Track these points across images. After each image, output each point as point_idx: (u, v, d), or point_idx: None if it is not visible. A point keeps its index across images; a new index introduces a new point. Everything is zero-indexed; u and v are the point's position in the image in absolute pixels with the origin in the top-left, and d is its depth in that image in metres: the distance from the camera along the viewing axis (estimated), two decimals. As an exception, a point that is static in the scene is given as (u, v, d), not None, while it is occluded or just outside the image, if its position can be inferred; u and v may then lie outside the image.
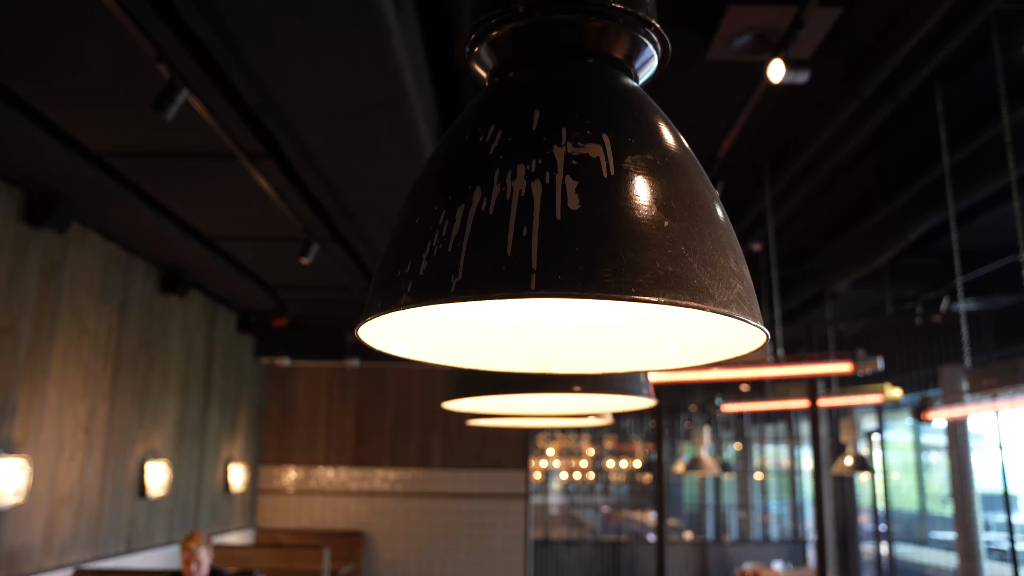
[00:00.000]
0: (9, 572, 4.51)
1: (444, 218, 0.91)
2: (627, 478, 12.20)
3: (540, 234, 0.86)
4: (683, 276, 0.86)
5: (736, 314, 0.90)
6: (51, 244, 4.83)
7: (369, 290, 0.99)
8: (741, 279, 0.95)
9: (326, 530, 8.52)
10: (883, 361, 5.51)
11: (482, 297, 0.85)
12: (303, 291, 7.38)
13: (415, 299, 0.89)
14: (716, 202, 1.00)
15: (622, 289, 0.84)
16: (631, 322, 1.17)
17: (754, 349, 1.06)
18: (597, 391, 1.70)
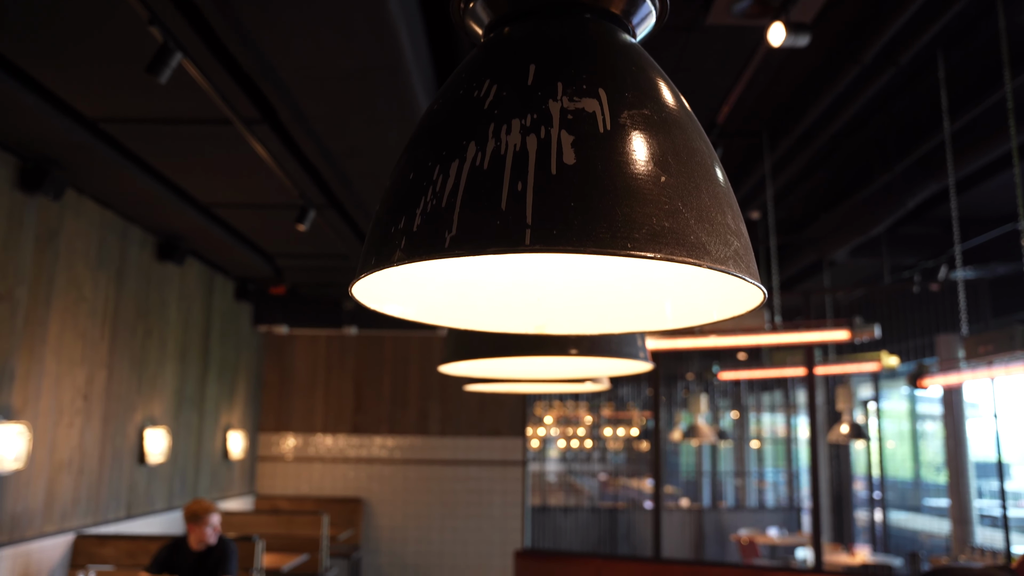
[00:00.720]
0: (12, 536, 4.54)
1: (438, 173, 0.90)
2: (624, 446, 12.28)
3: (535, 189, 0.85)
4: (679, 232, 0.86)
5: (733, 271, 0.89)
6: (46, 211, 4.81)
7: (363, 247, 0.98)
8: (739, 236, 0.95)
9: (325, 497, 8.59)
10: (880, 329, 5.52)
11: (476, 252, 0.84)
12: (301, 259, 7.37)
13: (408, 255, 0.88)
14: (714, 159, 0.99)
15: (617, 244, 0.83)
16: (627, 281, 1.16)
17: (752, 308, 1.06)
18: (594, 354, 1.70)
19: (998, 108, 4.70)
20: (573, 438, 11.19)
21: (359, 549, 8.36)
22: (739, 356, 10.35)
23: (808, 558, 8.39)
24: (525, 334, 1.72)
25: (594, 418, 11.22)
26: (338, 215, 5.85)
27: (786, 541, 9.01)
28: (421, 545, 8.56)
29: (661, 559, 6.38)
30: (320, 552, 6.69)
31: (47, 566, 4.91)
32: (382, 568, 8.52)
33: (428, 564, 8.51)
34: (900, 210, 5.84)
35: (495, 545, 8.47)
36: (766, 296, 0.99)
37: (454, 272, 1.15)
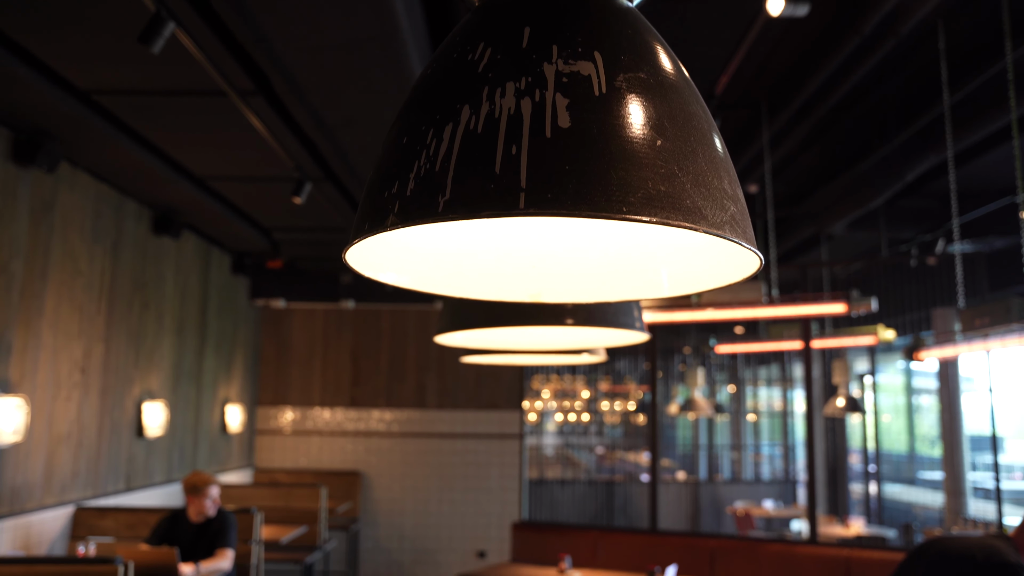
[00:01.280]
0: (12, 508, 4.57)
1: (432, 137, 0.89)
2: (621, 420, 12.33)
3: (529, 152, 0.84)
4: (675, 196, 0.85)
5: (730, 236, 0.88)
6: (40, 184, 4.78)
7: (357, 213, 0.98)
8: (735, 201, 0.94)
9: (323, 470, 8.63)
10: (877, 302, 5.53)
11: (469, 216, 0.83)
12: (297, 232, 7.35)
13: (402, 219, 0.87)
14: (711, 125, 0.97)
15: (613, 208, 0.82)
16: (623, 249, 1.16)
17: (749, 274, 1.05)
18: (590, 324, 1.69)
19: (998, 79, 4.67)
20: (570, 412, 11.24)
21: (357, 521, 8.42)
22: (736, 330, 10.37)
23: (803, 530, 8.46)
24: (521, 304, 1.71)
25: (591, 392, 11.26)
26: (335, 188, 5.82)
27: (781, 513, 9.08)
28: (419, 517, 8.62)
29: (657, 531, 6.43)
30: (319, 524, 6.74)
31: (48, 538, 4.94)
32: (380, 540, 8.59)
33: (426, 536, 8.57)
34: (898, 183, 5.82)
35: (493, 517, 8.53)
36: (763, 262, 0.99)
37: (449, 239, 1.14)
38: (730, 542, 6.12)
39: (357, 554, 8.50)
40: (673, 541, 6.18)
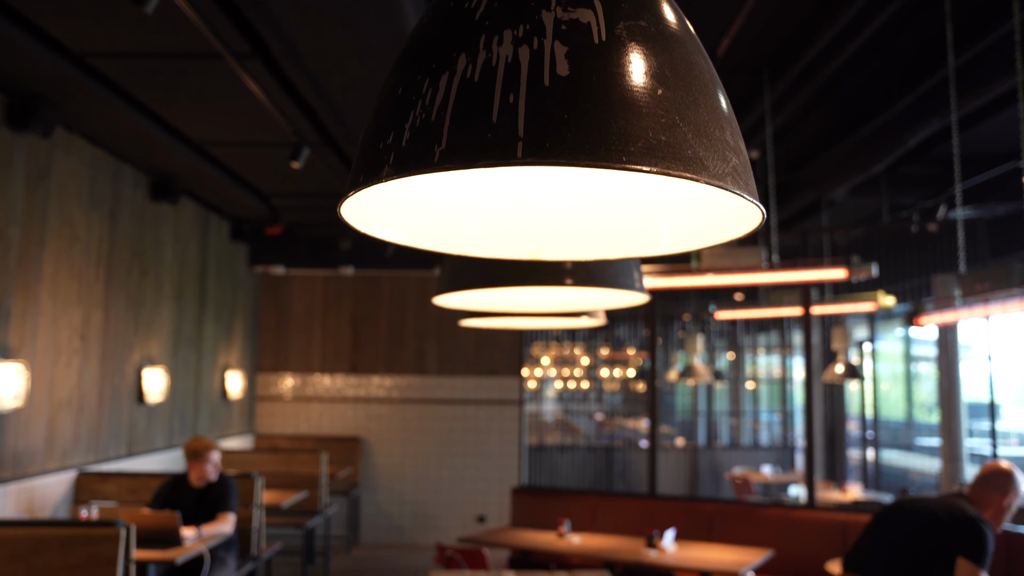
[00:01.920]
0: (14, 473, 4.59)
1: (427, 87, 0.87)
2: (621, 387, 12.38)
3: (527, 101, 0.82)
4: (676, 146, 0.83)
5: (731, 187, 0.87)
6: (36, 149, 4.74)
7: (352, 165, 0.96)
8: (737, 153, 0.92)
9: (323, 436, 8.68)
10: (877, 268, 5.51)
11: (466, 166, 0.81)
12: (296, 198, 7.31)
13: (397, 170, 0.85)
14: (713, 76, 0.95)
15: (612, 158, 0.80)
16: (623, 204, 1.14)
17: (751, 230, 1.04)
18: (589, 284, 1.68)
19: (1005, 42, 4.61)
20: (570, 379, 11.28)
21: (358, 487, 8.48)
22: (736, 296, 10.37)
23: (800, 495, 8.53)
24: (520, 264, 1.70)
25: (591, 359, 11.29)
26: (333, 153, 5.78)
27: (779, 479, 9.14)
28: (419, 483, 8.68)
29: (656, 496, 6.48)
30: (319, 489, 6.79)
31: (51, 501, 4.97)
32: (381, 505, 8.66)
33: (426, 501, 8.65)
34: (900, 148, 5.77)
35: (492, 483, 8.59)
36: (765, 216, 0.97)
37: (446, 194, 1.13)
38: (728, 506, 6.17)
39: (358, 519, 8.58)
40: (672, 506, 6.22)
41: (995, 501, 3.23)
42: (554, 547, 5.22)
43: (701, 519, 6.00)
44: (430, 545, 8.32)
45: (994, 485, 3.26)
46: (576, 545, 5.24)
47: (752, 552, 5.00)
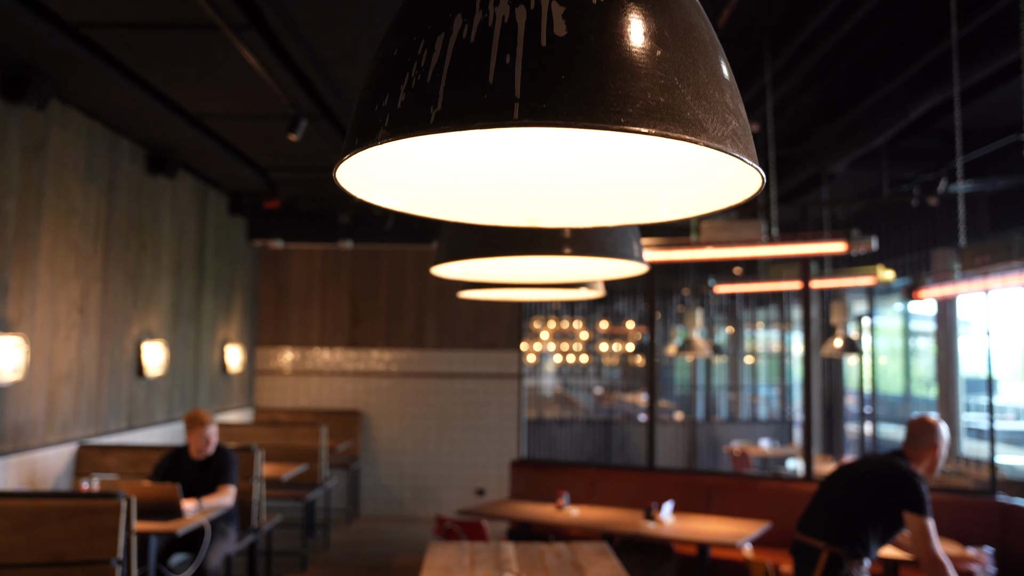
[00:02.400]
0: (15, 445, 4.61)
1: (423, 48, 0.86)
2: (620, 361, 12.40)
3: (524, 61, 0.81)
4: (675, 107, 0.82)
5: (731, 150, 0.86)
6: (31, 122, 4.71)
7: (347, 129, 0.95)
8: (737, 116, 0.91)
9: (323, 409, 8.71)
10: (877, 241, 5.50)
11: (463, 127, 0.80)
12: (294, 172, 7.28)
13: (392, 132, 0.84)
14: (713, 39, 0.94)
15: (610, 119, 0.79)
16: (622, 169, 1.13)
17: (750, 195, 1.03)
18: (588, 254, 1.67)
19: (1009, 12, 4.56)
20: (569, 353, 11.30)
21: (358, 460, 8.52)
22: (735, 270, 10.36)
23: (798, 468, 8.57)
24: (518, 233, 1.69)
25: (590, 333, 11.30)
26: (331, 126, 5.74)
27: (777, 452, 9.19)
28: (419, 456, 8.73)
29: (654, 468, 6.51)
30: (319, 462, 6.82)
31: (52, 474, 5.00)
32: (380, 478, 8.71)
33: (426, 474, 8.69)
34: (902, 121, 5.74)
35: (492, 456, 8.64)
36: (764, 181, 0.96)
37: (443, 159, 1.11)
38: (726, 479, 6.21)
39: (358, 492, 8.63)
40: (670, 478, 6.26)
41: (928, 453, 3.52)
42: (553, 519, 5.26)
43: (699, 492, 6.04)
44: (430, 518, 8.38)
45: (926, 440, 3.54)
46: (575, 517, 5.27)
47: (750, 524, 5.03)
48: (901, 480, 3.40)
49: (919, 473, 3.46)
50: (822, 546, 3.51)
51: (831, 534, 3.51)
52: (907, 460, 3.52)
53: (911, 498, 3.34)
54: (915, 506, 3.33)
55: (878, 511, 3.45)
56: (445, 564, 3.68)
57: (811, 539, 3.58)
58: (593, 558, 3.82)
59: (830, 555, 3.47)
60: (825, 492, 3.71)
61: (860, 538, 3.46)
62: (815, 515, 3.66)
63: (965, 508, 5.19)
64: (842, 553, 3.46)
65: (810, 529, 3.62)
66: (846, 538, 3.47)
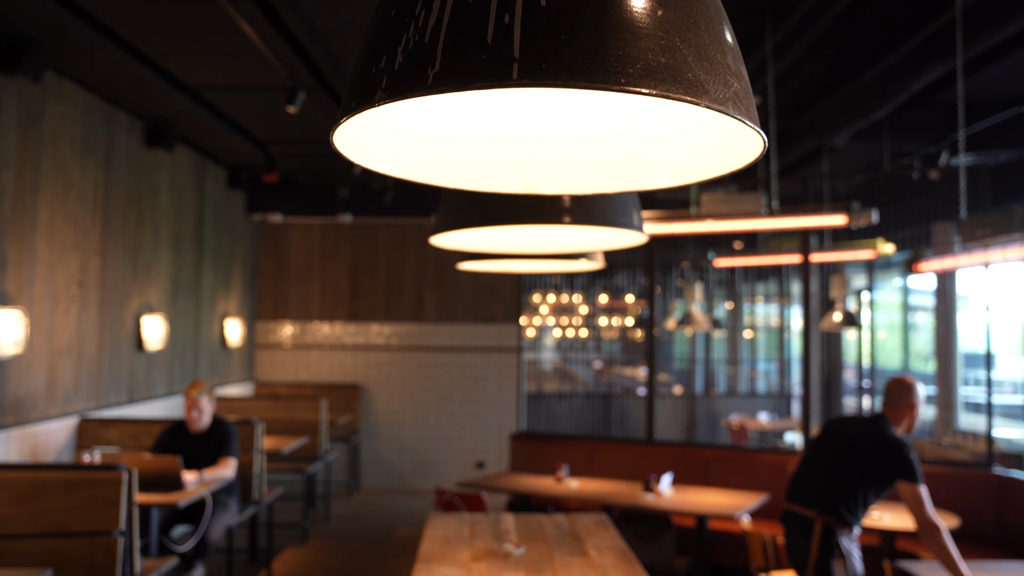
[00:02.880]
0: (17, 418, 4.63)
1: (420, 8, 0.85)
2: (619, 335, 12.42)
3: (523, 21, 0.80)
4: (676, 68, 0.81)
5: (733, 112, 0.85)
6: (27, 94, 4.68)
7: (344, 93, 0.94)
8: (739, 78, 0.90)
9: (323, 383, 8.73)
10: (878, 214, 5.48)
11: (461, 88, 0.79)
12: (293, 145, 7.24)
13: (390, 94, 0.83)
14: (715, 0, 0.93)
15: (611, 80, 0.78)
16: (621, 134, 1.12)
17: (751, 160, 1.02)
18: (588, 223, 1.66)
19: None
20: (568, 327, 11.32)
21: (358, 433, 8.56)
22: (735, 244, 10.34)
23: (796, 442, 8.61)
24: (518, 201, 1.67)
25: (589, 308, 11.31)
26: (329, 98, 5.71)
27: (776, 426, 9.23)
28: (419, 429, 8.76)
29: (654, 441, 6.55)
30: (319, 435, 6.85)
31: (54, 446, 5.02)
32: (381, 451, 8.75)
33: (426, 447, 8.74)
34: (904, 93, 5.69)
35: (491, 429, 8.68)
36: (766, 144, 0.95)
37: (441, 126, 1.10)
38: (725, 452, 6.24)
39: (358, 465, 8.68)
40: (669, 451, 6.29)
41: (907, 413, 3.59)
42: (552, 491, 5.29)
43: (698, 464, 6.07)
44: (430, 490, 8.43)
45: (904, 400, 3.60)
46: (574, 489, 5.30)
47: (748, 496, 5.06)
48: (893, 451, 3.46)
49: (901, 435, 3.54)
50: (814, 515, 3.56)
51: (823, 503, 3.56)
52: (888, 423, 3.58)
53: (904, 468, 3.40)
54: (908, 475, 3.38)
55: (870, 481, 3.50)
56: (445, 535, 3.70)
57: (803, 509, 3.62)
58: (592, 529, 3.85)
59: (824, 525, 3.53)
60: (814, 460, 3.75)
61: (851, 507, 3.52)
62: (805, 484, 3.70)
63: (962, 480, 5.22)
64: (834, 522, 3.52)
65: (801, 498, 3.67)
66: (838, 507, 3.52)
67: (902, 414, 3.58)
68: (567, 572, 3.12)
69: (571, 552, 3.43)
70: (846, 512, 3.52)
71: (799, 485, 3.72)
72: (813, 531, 3.55)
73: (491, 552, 3.41)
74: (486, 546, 3.51)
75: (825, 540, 3.52)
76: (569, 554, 3.39)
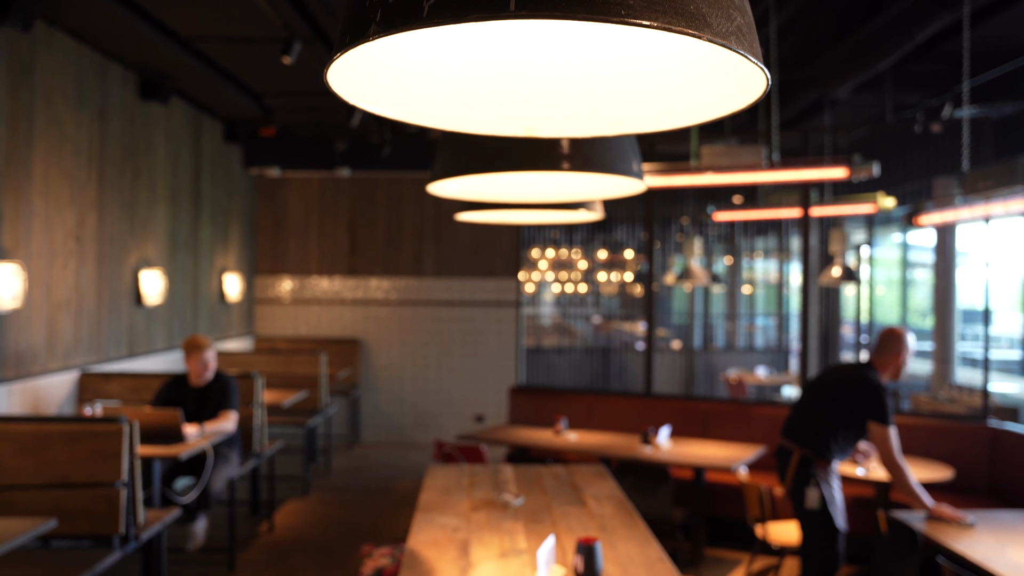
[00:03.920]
0: (18, 372, 4.64)
1: (415, -62, 0.82)
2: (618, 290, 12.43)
3: (521, -50, 0.77)
4: (678, 0, 0.79)
5: (736, 47, 0.83)
6: (16, 44, 4.60)
7: (339, 28, 0.91)
8: (742, 13, 0.87)
9: (323, 337, 8.76)
10: (879, 167, 5.44)
11: (457, 20, 0.77)
12: (290, 98, 7.16)
13: (384, 27, 0.81)
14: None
15: (611, 11, 0.76)
16: (620, 74, 1.09)
17: (754, 100, 1.00)
18: (587, 169, 1.64)
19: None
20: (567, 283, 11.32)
21: (358, 387, 8.61)
22: (734, 199, 10.30)
23: (793, 396, 8.67)
24: (516, 146, 1.65)
25: (588, 263, 11.30)
26: (325, 48, 5.62)
27: (773, 380, 9.28)
28: (418, 383, 8.81)
29: (652, 394, 6.58)
30: (319, 389, 6.88)
31: (56, 400, 5.05)
32: (381, 405, 8.81)
33: (425, 401, 8.79)
34: (909, 43, 5.62)
35: (490, 383, 8.72)
36: (770, 82, 0.93)
37: (437, 65, 1.08)
38: (723, 405, 6.28)
39: (358, 418, 8.74)
40: (667, 404, 6.33)
41: (893, 360, 3.77)
42: (551, 444, 5.33)
43: (695, 417, 6.12)
44: (429, 444, 8.51)
45: (891, 347, 3.78)
46: (572, 442, 5.35)
47: (745, 448, 5.11)
48: (867, 391, 3.67)
49: (884, 381, 3.73)
50: (795, 447, 3.83)
51: (801, 437, 3.82)
52: (875, 370, 3.77)
53: (875, 409, 3.63)
54: (878, 416, 3.61)
55: (845, 419, 3.74)
56: (445, 485, 3.74)
57: (788, 442, 3.89)
58: (590, 479, 3.88)
59: (800, 456, 3.79)
60: (803, 399, 4.00)
61: (827, 441, 3.76)
62: (792, 420, 3.95)
63: (958, 433, 5.26)
64: (810, 454, 3.76)
65: (788, 433, 3.93)
66: (814, 441, 3.77)
67: (888, 360, 3.77)
68: (565, 521, 3.15)
69: (569, 502, 3.46)
70: (821, 446, 3.75)
71: (789, 421, 3.98)
72: (790, 461, 3.82)
73: (490, 502, 3.45)
74: (485, 496, 3.54)
75: (801, 470, 3.77)
76: (567, 503, 3.43)
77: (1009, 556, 2.95)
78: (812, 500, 3.71)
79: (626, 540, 2.90)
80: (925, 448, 5.14)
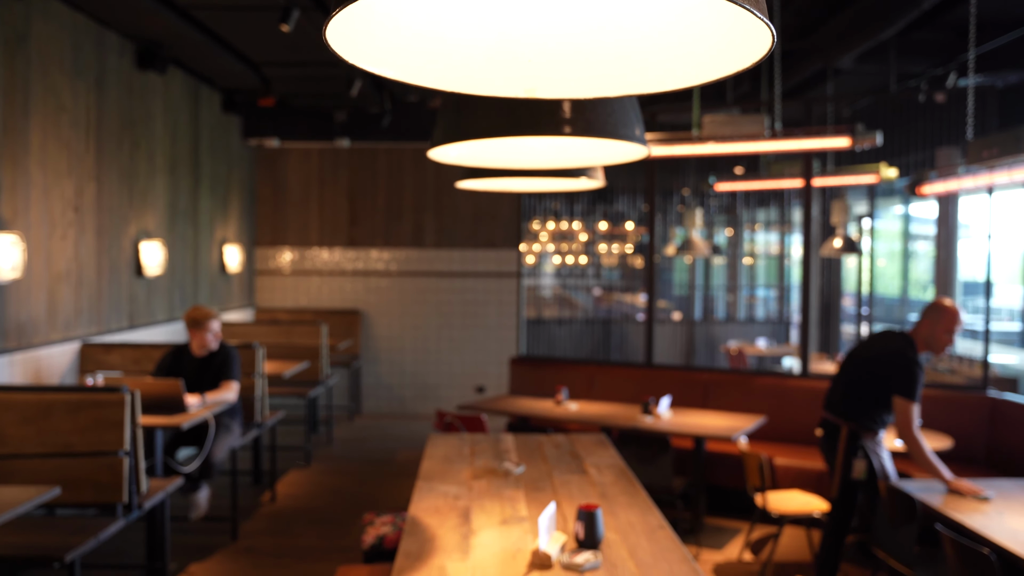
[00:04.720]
0: (19, 343, 4.65)
1: None
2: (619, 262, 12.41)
3: (523, -100, 0.76)
4: (684, -49, 0.77)
5: (740, 1, 0.81)
6: (10, 11, 4.55)
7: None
8: (748, -34, 0.86)
9: (323, 309, 8.76)
10: (882, 137, 5.40)
11: (457, -29, 0.75)
12: (288, 67, 7.09)
13: (383, -20, 0.79)
14: None
15: (615, -37, 0.74)
16: (623, 31, 1.07)
17: (758, 58, 0.98)
18: (588, 134, 1.61)
19: None
20: (568, 254, 11.30)
21: (359, 358, 8.63)
22: (736, 170, 10.25)
23: (794, 367, 8.69)
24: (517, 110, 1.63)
25: (589, 235, 11.27)
26: (324, 16, 5.56)
27: (774, 351, 9.30)
28: (419, 354, 8.83)
29: (652, 365, 6.60)
30: (320, 360, 6.90)
31: (57, 371, 5.06)
32: (382, 376, 8.84)
33: (426, 372, 8.82)
34: (914, 11, 5.55)
35: (491, 354, 8.74)
36: (775, 39, 0.91)
37: (438, 24, 1.06)
38: (723, 375, 6.29)
39: (359, 389, 8.77)
40: (668, 375, 6.34)
41: (925, 328, 3.72)
42: (552, 414, 5.35)
43: (696, 388, 6.13)
44: (430, 415, 8.54)
45: (928, 317, 3.76)
46: (573, 412, 5.36)
47: (745, 418, 5.12)
48: (902, 363, 3.66)
49: (918, 356, 3.70)
50: (841, 422, 3.85)
51: (846, 411, 3.84)
52: (911, 340, 3.74)
53: (902, 384, 3.64)
54: (904, 391, 3.63)
55: (881, 390, 3.73)
56: (446, 454, 3.75)
57: (833, 416, 3.91)
58: (591, 448, 3.90)
59: (849, 431, 3.81)
60: (843, 371, 3.99)
61: (870, 413, 3.78)
62: (834, 393, 3.97)
63: (958, 403, 5.28)
64: (858, 428, 3.79)
65: (831, 407, 3.95)
66: (858, 414, 3.79)
67: (922, 329, 3.75)
68: (566, 489, 3.17)
69: (570, 470, 3.48)
70: (867, 419, 3.78)
71: (831, 394, 3.99)
72: (839, 436, 3.84)
73: (491, 470, 3.46)
74: (486, 464, 3.56)
75: (850, 444, 3.79)
76: (568, 472, 3.45)
77: (1007, 523, 2.97)
78: (859, 470, 3.75)
79: (627, 508, 2.91)
80: (925, 418, 5.16)
